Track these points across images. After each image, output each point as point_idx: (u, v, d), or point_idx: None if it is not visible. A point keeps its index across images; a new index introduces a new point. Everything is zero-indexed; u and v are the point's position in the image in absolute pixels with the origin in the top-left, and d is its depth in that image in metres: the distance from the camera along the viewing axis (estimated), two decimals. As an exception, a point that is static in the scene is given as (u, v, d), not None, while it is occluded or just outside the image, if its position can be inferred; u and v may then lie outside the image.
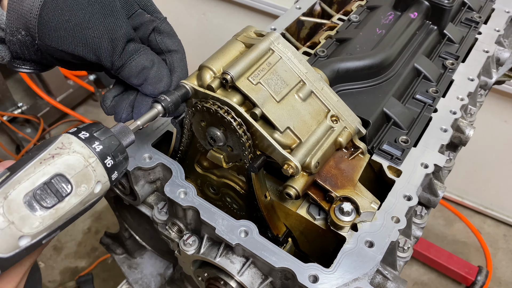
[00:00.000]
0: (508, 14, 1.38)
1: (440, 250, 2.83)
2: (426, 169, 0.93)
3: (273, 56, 0.84)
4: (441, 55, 1.20)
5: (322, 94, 0.86)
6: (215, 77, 0.81)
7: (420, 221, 1.03)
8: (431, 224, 3.14)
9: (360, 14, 1.27)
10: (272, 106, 0.80)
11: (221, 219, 0.82)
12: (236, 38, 0.87)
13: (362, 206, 0.82)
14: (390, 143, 0.95)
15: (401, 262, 0.93)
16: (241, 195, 0.90)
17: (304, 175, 0.81)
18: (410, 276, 2.89)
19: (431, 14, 1.23)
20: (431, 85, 1.11)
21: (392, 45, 1.10)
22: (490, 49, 1.25)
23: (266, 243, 0.79)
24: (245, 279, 0.82)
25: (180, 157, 0.94)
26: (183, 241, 0.88)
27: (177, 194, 0.85)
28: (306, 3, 1.37)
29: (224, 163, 0.86)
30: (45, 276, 2.83)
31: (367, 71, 1.04)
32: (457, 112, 1.05)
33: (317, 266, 0.76)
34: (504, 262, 2.99)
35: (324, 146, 0.83)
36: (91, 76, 3.02)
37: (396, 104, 1.02)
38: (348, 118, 0.88)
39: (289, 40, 1.28)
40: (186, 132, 0.89)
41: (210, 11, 3.27)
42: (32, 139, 3.28)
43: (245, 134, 0.77)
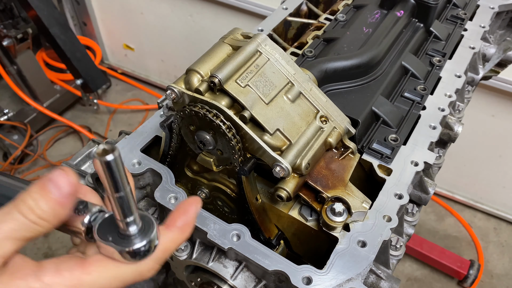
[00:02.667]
0: (493, 10, 1.40)
1: (432, 246, 2.85)
2: (416, 167, 0.93)
3: (261, 58, 0.83)
4: (428, 52, 1.21)
5: (311, 94, 0.86)
6: (203, 80, 0.80)
7: (411, 219, 1.04)
8: (423, 220, 3.16)
9: (346, 13, 1.27)
10: (261, 108, 0.80)
11: (212, 223, 0.81)
12: (223, 41, 0.87)
13: (354, 206, 0.82)
14: (379, 142, 0.95)
15: (394, 260, 0.93)
16: (232, 198, 0.90)
17: (295, 176, 0.81)
18: (403, 272, 2.91)
19: (417, 12, 1.23)
20: (419, 82, 1.12)
21: (379, 44, 1.10)
22: (476, 46, 1.26)
23: (259, 246, 0.78)
24: (238, 283, 0.82)
25: (169, 161, 0.93)
26: (175, 246, 0.87)
27: (168, 200, 0.84)
28: (292, 3, 1.36)
29: (214, 167, 0.86)
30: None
31: (355, 71, 1.04)
32: (445, 109, 1.06)
33: (310, 267, 0.76)
34: (495, 255, 3.02)
35: (314, 147, 0.83)
36: (78, 80, 2.99)
37: (384, 103, 1.02)
38: (337, 118, 0.88)
39: (276, 41, 1.27)
40: (175, 136, 0.88)
41: (197, 13, 3.25)
42: (19, 145, 3.24)
43: (235, 137, 0.77)
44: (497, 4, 1.41)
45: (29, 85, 3.30)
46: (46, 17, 2.71)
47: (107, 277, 0.50)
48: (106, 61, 4.12)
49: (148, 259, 0.53)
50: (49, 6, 2.74)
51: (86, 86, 3.02)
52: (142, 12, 3.52)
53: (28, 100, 3.19)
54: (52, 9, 2.76)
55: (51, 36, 2.76)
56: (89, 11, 3.69)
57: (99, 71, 3.08)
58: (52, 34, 2.75)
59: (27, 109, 3.40)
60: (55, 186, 0.48)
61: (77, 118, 3.66)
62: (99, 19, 3.78)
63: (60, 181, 0.48)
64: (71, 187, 0.49)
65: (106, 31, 3.88)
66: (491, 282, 2.89)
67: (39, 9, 2.69)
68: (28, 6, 2.68)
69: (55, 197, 0.48)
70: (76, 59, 2.88)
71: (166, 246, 0.55)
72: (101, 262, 0.51)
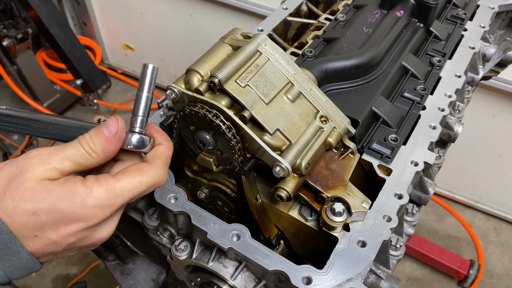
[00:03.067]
0: (493, 10, 1.40)
1: (432, 246, 2.86)
2: (416, 167, 0.93)
3: (261, 58, 0.83)
4: (428, 52, 1.21)
5: (311, 94, 0.86)
6: (203, 80, 0.80)
7: (411, 219, 1.04)
8: (423, 220, 3.16)
9: (346, 13, 1.27)
10: (261, 108, 0.80)
11: (212, 223, 0.81)
12: (223, 41, 0.87)
13: (354, 206, 0.82)
14: (379, 142, 0.95)
15: (394, 260, 0.93)
16: (232, 198, 0.90)
17: (295, 176, 0.81)
18: (403, 272, 2.91)
19: (417, 12, 1.23)
20: (419, 82, 1.12)
21: (379, 44, 1.10)
22: (476, 46, 1.26)
23: (259, 246, 0.78)
24: (238, 283, 0.82)
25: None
26: (175, 246, 0.88)
27: (168, 200, 0.84)
28: (292, 3, 1.36)
29: (214, 167, 0.86)
30: (36, 285, 2.80)
31: (355, 71, 1.04)
32: (445, 109, 1.06)
33: (310, 267, 0.76)
34: (495, 255, 3.02)
35: (314, 147, 0.83)
36: (78, 80, 2.99)
37: (384, 103, 1.02)
38: (337, 118, 0.88)
39: (276, 41, 1.27)
40: (175, 136, 0.88)
41: (197, 13, 3.25)
42: (19, 145, 3.24)
43: (235, 137, 0.77)
44: (497, 4, 1.41)
45: (29, 85, 3.30)
46: (46, 17, 2.71)
47: (132, 182, 0.65)
48: (106, 61, 4.12)
49: (156, 165, 0.68)
50: (49, 6, 2.74)
51: (86, 86, 3.02)
52: (142, 12, 3.52)
53: (28, 100, 3.19)
54: (52, 9, 2.76)
55: (51, 36, 2.76)
56: (89, 11, 3.70)
57: (99, 71, 3.08)
58: (52, 34, 2.75)
59: (27, 109, 3.40)
60: (106, 127, 0.66)
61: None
62: (99, 19, 3.78)
63: (110, 125, 0.66)
64: (118, 130, 0.66)
65: (106, 31, 3.88)
66: (491, 282, 2.89)
67: (39, 9, 2.69)
68: (28, 6, 2.68)
69: (104, 135, 0.65)
70: (76, 59, 2.88)
71: (165, 152, 0.70)
72: (126, 173, 0.66)
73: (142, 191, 0.67)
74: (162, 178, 0.69)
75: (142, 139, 0.69)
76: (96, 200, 0.63)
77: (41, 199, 0.60)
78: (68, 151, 0.64)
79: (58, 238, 0.63)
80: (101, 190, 0.63)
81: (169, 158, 0.71)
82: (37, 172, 0.61)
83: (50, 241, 0.63)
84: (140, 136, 0.69)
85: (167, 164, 0.71)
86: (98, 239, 0.68)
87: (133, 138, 0.69)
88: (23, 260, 0.62)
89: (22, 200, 0.60)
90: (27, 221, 0.60)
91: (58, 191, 0.61)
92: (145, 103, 0.70)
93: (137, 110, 0.70)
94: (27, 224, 0.61)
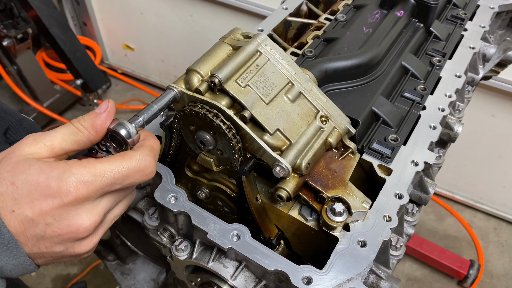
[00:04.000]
0: (493, 10, 1.40)
1: (432, 246, 2.86)
2: (416, 167, 0.93)
3: (261, 58, 0.83)
4: (428, 52, 1.21)
5: (311, 94, 0.86)
6: (203, 80, 0.80)
7: (411, 219, 1.04)
8: (423, 220, 3.16)
9: (346, 13, 1.27)
10: (261, 108, 0.80)
11: (212, 223, 0.81)
12: (223, 41, 0.87)
13: (354, 206, 0.82)
14: (379, 142, 0.95)
15: (394, 260, 0.93)
16: (232, 198, 0.90)
17: (295, 176, 0.81)
18: (403, 272, 2.91)
19: (417, 12, 1.23)
20: (419, 82, 1.12)
21: (380, 44, 1.10)
22: (476, 46, 1.26)
23: (259, 246, 0.78)
24: (238, 283, 0.82)
25: (169, 161, 0.93)
26: (175, 246, 0.88)
27: (168, 200, 0.84)
28: (292, 3, 1.36)
29: (214, 167, 0.86)
30: (36, 285, 2.80)
31: (355, 71, 1.04)
32: (445, 109, 1.06)
33: (310, 267, 0.76)
34: (495, 255, 3.02)
35: (314, 147, 0.83)
36: (78, 80, 2.99)
37: (384, 103, 1.02)
38: (337, 118, 0.88)
39: (276, 41, 1.27)
40: (175, 136, 0.88)
41: (197, 13, 3.25)
42: (19, 146, 3.24)
43: (235, 137, 0.77)
44: (497, 4, 1.41)
45: (29, 85, 3.30)
46: (46, 17, 2.71)
47: (115, 163, 0.65)
48: (106, 61, 4.12)
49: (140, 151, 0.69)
50: (49, 6, 2.74)
51: (86, 86, 3.02)
52: (142, 12, 3.52)
53: (28, 100, 3.19)
54: (52, 9, 2.76)
55: (51, 36, 2.76)
56: (89, 11, 3.69)
57: (99, 71, 3.08)
58: (52, 34, 2.75)
59: (27, 109, 3.40)
60: (98, 107, 0.69)
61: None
62: (99, 19, 3.78)
63: (102, 104, 0.70)
64: (108, 107, 0.69)
65: (106, 31, 3.88)
66: (491, 282, 2.89)
67: (39, 9, 2.69)
68: (28, 6, 2.68)
69: (94, 112, 0.68)
70: (76, 59, 2.88)
71: (151, 143, 0.72)
72: (110, 157, 0.68)
73: (125, 174, 0.66)
74: (148, 165, 0.68)
75: (129, 129, 0.70)
76: (74, 176, 0.62)
77: (21, 171, 0.61)
78: (60, 129, 0.67)
79: (34, 215, 0.62)
80: (80, 167, 0.63)
81: (155, 150, 0.72)
82: (26, 149, 0.64)
83: (27, 218, 0.62)
84: (128, 126, 0.71)
85: (155, 156, 0.71)
86: (78, 226, 0.64)
87: (121, 125, 0.70)
88: (5, 241, 0.61)
89: (4, 171, 0.62)
90: (6, 192, 0.61)
91: (38, 165, 0.62)
92: (150, 112, 0.75)
93: (141, 113, 0.74)
94: (5, 195, 0.61)
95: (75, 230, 0.65)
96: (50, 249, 0.65)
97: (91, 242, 0.69)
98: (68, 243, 0.66)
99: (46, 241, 0.64)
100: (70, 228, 0.64)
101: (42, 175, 0.61)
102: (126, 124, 0.70)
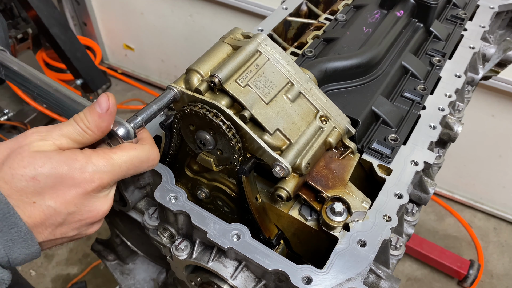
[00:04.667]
0: (493, 10, 1.40)
1: (432, 245, 2.86)
2: (416, 166, 0.93)
3: (261, 58, 0.83)
4: (428, 52, 1.21)
5: (311, 94, 0.86)
6: (203, 80, 0.80)
7: (411, 219, 1.04)
8: (423, 220, 3.16)
9: (346, 13, 1.27)
10: (261, 108, 0.80)
11: (212, 223, 0.81)
12: (223, 41, 0.87)
13: (354, 205, 0.82)
14: (379, 142, 0.95)
15: (393, 260, 0.93)
16: (232, 198, 0.90)
17: (295, 176, 0.81)
18: (403, 272, 2.91)
19: (417, 12, 1.23)
20: (419, 82, 1.12)
21: (379, 44, 1.10)
22: (476, 46, 1.26)
23: (259, 246, 0.78)
24: (238, 282, 0.82)
25: (169, 161, 0.93)
26: (175, 246, 0.88)
27: (168, 199, 0.84)
28: (292, 3, 1.36)
29: (214, 166, 0.86)
30: (36, 285, 2.80)
31: (355, 70, 1.04)
32: (445, 109, 1.06)
33: (310, 267, 0.76)
34: (495, 255, 3.02)
35: (314, 146, 0.83)
36: (78, 80, 2.99)
37: (384, 103, 1.02)
38: (337, 118, 0.88)
39: (276, 41, 1.27)
40: (175, 136, 0.88)
41: (197, 13, 3.25)
42: (19, 146, 3.24)
43: (235, 137, 0.77)
44: (497, 4, 1.42)
45: (29, 85, 3.29)
46: (46, 17, 2.71)
47: (128, 154, 0.70)
48: (106, 61, 4.12)
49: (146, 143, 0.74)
50: (49, 6, 2.74)
51: (86, 86, 3.02)
52: (142, 12, 3.52)
53: (28, 100, 3.19)
54: (52, 9, 2.76)
55: (51, 36, 2.76)
56: (89, 11, 3.70)
57: (99, 71, 3.08)
58: (52, 34, 2.75)
59: (27, 109, 3.40)
60: (98, 105, 0.68)
61: (77, 118, 3.66)
62: (99, 19, 3.78)
63: (102, 102, 0.69)
64: (110, 106, 0.69)
65: (106, 31, 3.88)
66: (491, 282, 2.89)
67: (39, 9, 2.69)
68: (28, 6, 2.68)
69: (96, 112, 0.68)
70: (76, 59, 2.88)
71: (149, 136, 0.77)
72: (121, 147, 0.71)
73: (137, 165, 0.71)
74: (154, 155, 0.74)
75: (128, 130, 0.72)
76: (95, 167, 0.66)
77: (41, 164, 0.62)
78: (65, 128, 0.67)
79: (57, 204, 0.64)
80: (99, 158, 0.67)
81: (153, 140, 0.77)
82: (36, 145, 0.64)
83: (50, 208, 0.64)
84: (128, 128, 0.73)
85: (156, 147, 0.76)
86: (98, 211, 0.70)
87: (121, 126, 0.72)
88: (22, 233, 0.62)
89: (20, 166, 0.62)
90: (26, 186, 0.62)
91: (57, 157, 0.64)
92: (150, 112, 0.76)
93: (140, 113, 0.75)
94: (26, 190, 0.62)
95: (95, 215, 0.70)
96: (65, 234, 0.69)
97: (101, 222, 0.75)
98: (84, 227, 0.71)
99: (64, 227, 0.68)
100: (91, 214, 0.69)
101: (64, 167, 0.64)
102: (125, 125, 0.72)
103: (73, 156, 0.65)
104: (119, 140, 0.72)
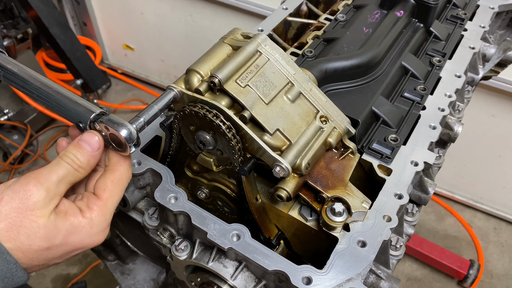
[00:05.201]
0: (493, 11, 1.40)
1: (432, 245, 2.85)
2: (416, 167, 0.93)
3: (261, 58, 0.83)
4: (428, 52, 1.21)
5: (311, 95, 0.86)
6: (203, 80, 0.80)
7: (411, 219, 1.04)
8: (423, 220, 3.16)
9: (346, 13, 1.27)
10: (261, 108, 0.80)
11: (212, 223, 0.81)
12: (223, 41, 0.87)
13: (354, 206, 0.82)
14: (379, 142, 0.95)
15: (394, 260, 0.93)
16: (232, 198, 0.90)
17: (295, 176, 0.81)
18: (403, 272, 2.91)
19: (417, 12, 1.23)
20: (419, 82, 1.12)
21: (379, 44, 1.10)
22: (476, 46, 1.26)
23: (259, 246, 0.78)
24: (238, 283, 0.82)
25: (169, 161, 0.93)
26: (175, 246, 0.88)
27: (168, 200, 0.84)
28: (292, 4, 1.36)
29: (214, 167, 0.86)
30: (36, 285, 2.80)
31: (355, 71, 1.04)
32: (445, 109, 1.06)
33: (310, 267, 0.76)
34: (495, 255, 3.02)
35: (314, 147, 0.83)
36: (78, 80, 2.99)
37: (384, 103, 1.02)
38: (337, 118, 0.88)
39: (276, 41, 1.27)
40: (175, 136, 0.88)
41: (197, 13, 3.25)
42: (19, 145, 3.24)
43: (235, 138, 0.77)
44: (497, 4, 1.41)
45: (29, 85, 3.29)
46: (46, 17, 2.71)
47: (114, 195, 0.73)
48: (106, 61, 4.12)
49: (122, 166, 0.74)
50: (49, 6, 2.74)
51: (86, 86, 3.02)
52: (142, 12, 3.52)
53: (28, 100, 3.19)
54: (52, 9, 2.76)
55: (51, 36, 2.76)
56: (89, 11, 3.69)
57: (99, 71, 3.08)
58: (52, 34, 2.75)
59: (27, 109, 3.40)
60: (88, 144, 0.71)
61: (77, 118, 3.65)
62: (99, 19, 3.78)
63: (92, 141, 0.71)
64: (99, 144, 0.71)
65: (106, 31, 3.88)
66: (491, 282, 2.89)
67: (39, 9, 2.69)
68: (28, 6, 2.68)
69: (88, 151, 0.71)
70: (76, 59, 2.88)
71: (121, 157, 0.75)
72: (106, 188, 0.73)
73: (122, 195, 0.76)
74: (130, 174, 0.77)
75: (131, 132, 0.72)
76: (99, 227, 0.71)
77: (54, 236, 0.67)
78: (60, 171, 0.69)
79: (62, 260, 0.72)
80: (98, 216, 0.71)
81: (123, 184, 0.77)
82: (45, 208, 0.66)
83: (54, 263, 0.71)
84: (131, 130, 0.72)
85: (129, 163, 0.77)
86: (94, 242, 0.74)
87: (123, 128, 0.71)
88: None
89: (36, 238, 0.66)
90: (40, 255, 0.67)
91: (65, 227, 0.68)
92: (151, 113, 0.76)
93: (141, 114, 0.76)
94: (40, 257, 0.68)
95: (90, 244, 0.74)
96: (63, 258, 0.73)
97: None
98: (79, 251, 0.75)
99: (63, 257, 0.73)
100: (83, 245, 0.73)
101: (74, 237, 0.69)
102: (128, 126, 0.71)
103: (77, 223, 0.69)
104: (122, 142, 0.71)
